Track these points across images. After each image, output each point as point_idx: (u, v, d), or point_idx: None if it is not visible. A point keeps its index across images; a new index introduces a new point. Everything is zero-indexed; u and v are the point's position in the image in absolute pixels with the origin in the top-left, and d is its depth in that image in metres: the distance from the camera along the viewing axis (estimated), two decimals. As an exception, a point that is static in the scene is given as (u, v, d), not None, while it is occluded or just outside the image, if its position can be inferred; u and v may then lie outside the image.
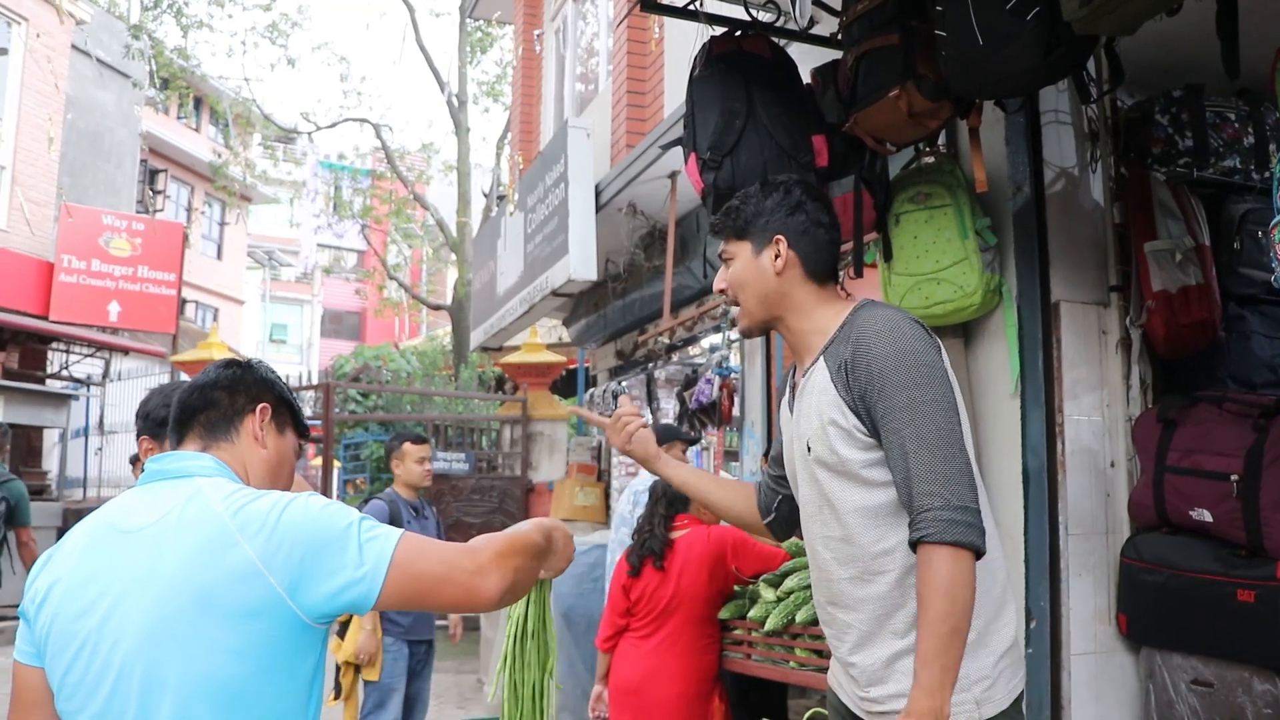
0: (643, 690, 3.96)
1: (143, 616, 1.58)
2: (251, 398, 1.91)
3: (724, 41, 3.53)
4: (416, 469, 5.28)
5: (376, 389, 17.12)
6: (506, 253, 9.50)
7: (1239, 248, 3.48)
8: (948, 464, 1.92)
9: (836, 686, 2.29)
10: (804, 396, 2.20)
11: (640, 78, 8.37)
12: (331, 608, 1.64)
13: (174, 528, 1.64)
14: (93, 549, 1.69)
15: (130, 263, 16.52)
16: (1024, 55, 2.59)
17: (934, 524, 1.89)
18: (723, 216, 2.33)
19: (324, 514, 1.66)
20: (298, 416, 2.00)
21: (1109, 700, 3.34)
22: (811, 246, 2.24)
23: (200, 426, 1.86)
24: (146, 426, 2.64)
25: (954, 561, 1.88)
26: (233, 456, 1.85)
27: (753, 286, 2.26)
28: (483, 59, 23.14)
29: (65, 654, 1.64)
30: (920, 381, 1.98)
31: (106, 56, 18.20)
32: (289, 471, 1.97)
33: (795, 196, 2.26)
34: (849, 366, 2.05)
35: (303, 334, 36.77)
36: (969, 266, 3.35)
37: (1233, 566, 3.02)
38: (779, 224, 2.24)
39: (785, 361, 6.99)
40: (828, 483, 2.12)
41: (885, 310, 2.12)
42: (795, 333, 2.27)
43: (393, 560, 1.64)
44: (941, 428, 1.95)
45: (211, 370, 1.94)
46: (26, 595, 1.73)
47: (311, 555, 1.61)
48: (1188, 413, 3.25)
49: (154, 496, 1.72)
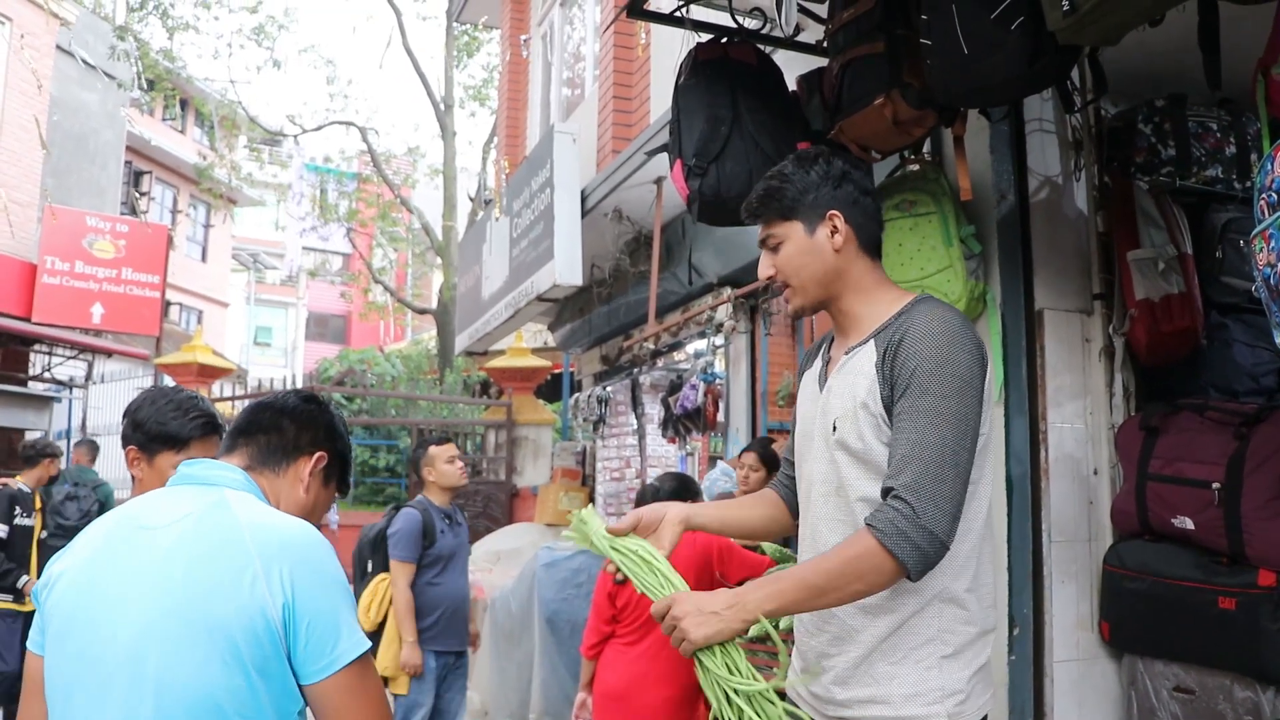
0: (629, 696, 3.95)
1: (140, 613, 1.60)
2: (315, 441, 1.95)
3: (710, 48, 3.54)
4: (449, 469, 5.11)
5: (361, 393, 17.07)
6: (492, 257, 9.49)
7: (1221, 256, 3.50)
8: (938, 484, 1.85)
9: (797, 698, 2.20)
10: (841, 374, 2.11)
11: (627, 83, 8.38)
12: (295, 658, 1.65)
13: (191, 531, 1.66)
14: (109, 541, 1.72)
15: (114, 264, 16.43)
16: (1008, 64, 2.59)
17: (890, 525, 1.83)
18: (763, 199, 2.17)
19: (342, 577, 1.72)
20: (346, 472, 2.04)
21: (1091, 707, 3.35)
22: (863, 217, 2.14)
23: (256, 447, 1.90)
24: (136, 438, 2.59)
25: (879, 564, 1.83)
26: (271, 486, 1.88)
27: (811, 268, 2.13)
28: (469, 63, 23.18)
29: (65, 638, 1.66)
30: (951, 394, 1.90)
31: (91, 58, 18.12)
32: (317, 519, 1.98)
33: (838, 166, 2.14)
34: (893, 356, 1.97)
35: (287, 337, 36.66)
36: (953, 274, 3.36)
37: (1214, 574, 3.03)
38: (828, 198, 2.11)
39: (775, 365, 7.00)
40: (845, 467, 2.05)
41: (946, 311, 2.02)
42: (848, 314, 2.16)
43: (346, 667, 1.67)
44: (949, 445, 1.88)
45: (292, 398, 1.98)
46: (40, 580, 1.77)
47: (312, 617, 1.64)
48: (1170, 420, 3.26)
49: (179, 498, 1.75)
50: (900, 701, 1.96)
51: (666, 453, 9.24)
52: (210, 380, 13.12)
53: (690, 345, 8.57)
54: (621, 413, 9.63)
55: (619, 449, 9.70)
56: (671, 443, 8.51)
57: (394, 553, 4.90)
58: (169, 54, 20.78)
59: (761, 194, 2.18)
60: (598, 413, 9.77)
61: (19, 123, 15.31)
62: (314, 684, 1.65)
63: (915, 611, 1.97)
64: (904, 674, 1.97)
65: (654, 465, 9.21)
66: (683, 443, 8.47)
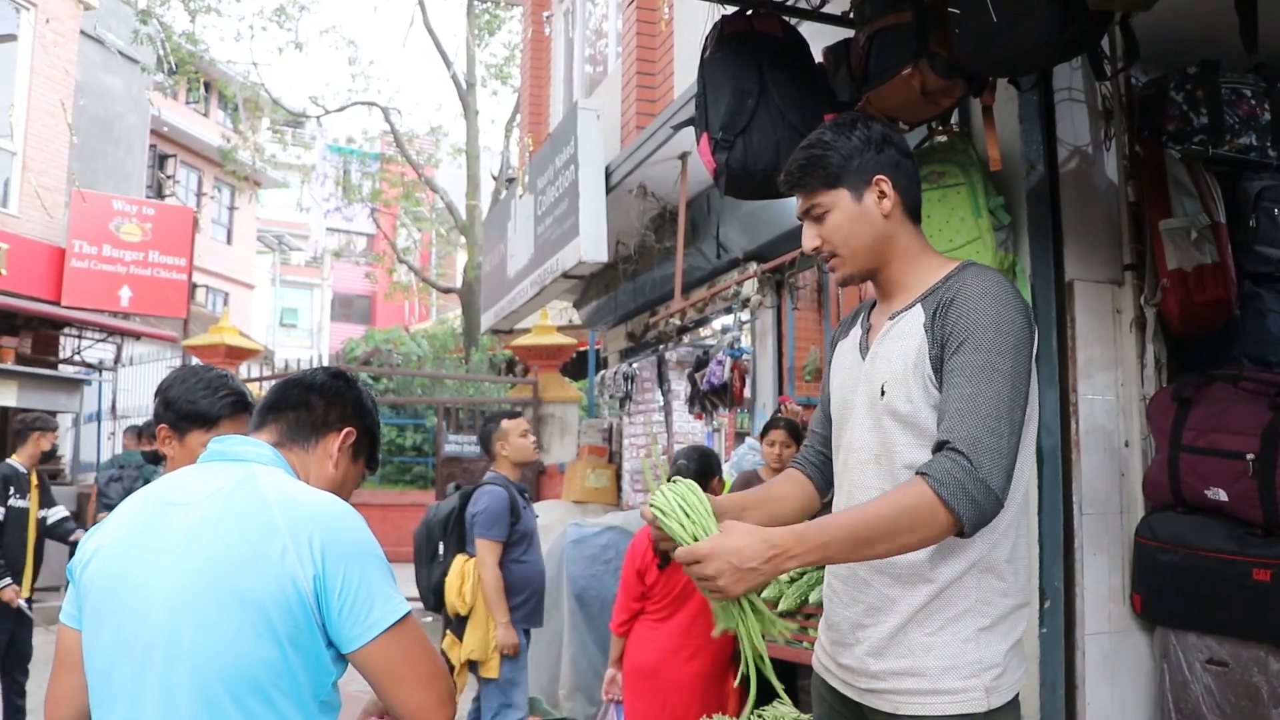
0: (659, 672, 3.97)
1: (172, 588, 1.62)
2: (343, 417, 1.96)
3: (735, 21, 3.51)
4: (523, 443, 4.98)
5: (387, 372, 17.16)
6: (516, 235, 9.49)
7: (1255, 225, 3.46)
8: (995, 439, 1.81)
9: (824, 671, 2.18)
10: (888, 338, 2.06)
11: (650, 59, 8.34)
12: (331, 628, 1.67)
13: (220, 507, 1.68)
14: (141, 517, 1.74)
15: (141, 248, 16.53)
16: (1038, 31, 2.56)
17: (947, 475, 1.78)
18: (805, 168, 2.09)
19: (374, 545, 1.73)
20: (375, 448, 2.05)
21: (1123, 680, 3.34)
22: (907, 181, 2.10)
23: (285, 424, 1.91)
24: (167, 417, 2.61)
25: (933, 515, 1.78)
26: (300, 462, 1.89)
27: (861, 236, 2.07)
28: (491, 41, 23.18)
29: (102, 613, 1.68)
30: (1005, 350, 1.87)
31: (115, 42, 18.19)
32: (346, 496, 1.99)
33: (877, 130, 2.09)
34: (944, 315, 1.94)
35: (313, 318, 36.85)
36: (982, 246, 3.33)
37: (1248, 546, 3.01)
38: (873, 162, 2.06)
39: (801, 340, 6.98)
40: (892, 433, 2.00)
41: (995, 275, 1.99)
42: (894, 281, 2.11)
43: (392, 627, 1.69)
44: (1004, 401, 1.84)
45: (320, 374, 1.99)
46: (75, 555, 1.78)
47: (343, 586, 1.65)
48: (1203, 391, 3.23)
49: (209, 475, 1.77)
50: (937, 674, 1.92)
51: (693, 429, 9.24)
52: (237, 361, 13.22)
53: (716, 321, 8.55)
54: (648, 389, 9.63)
55: (645, 425, 9.70)
56: (698, 419, 8.50)
57: (483, 533, 4.71)
58: (191, 37, 20.86)
59: (803, 163, 2.10)
60: (624, 389, 9.77)
61: (45, 108, 15.39)
62: (354, 651, 1.67)
63: (953, 580, 1.94)
64: (941, 645, 1.93)
65: (680, 442, 9.20)
66: (709, 419, 8.46)
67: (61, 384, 14.26)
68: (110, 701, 1.65)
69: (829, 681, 2.16)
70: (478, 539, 4.74)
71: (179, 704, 1.59)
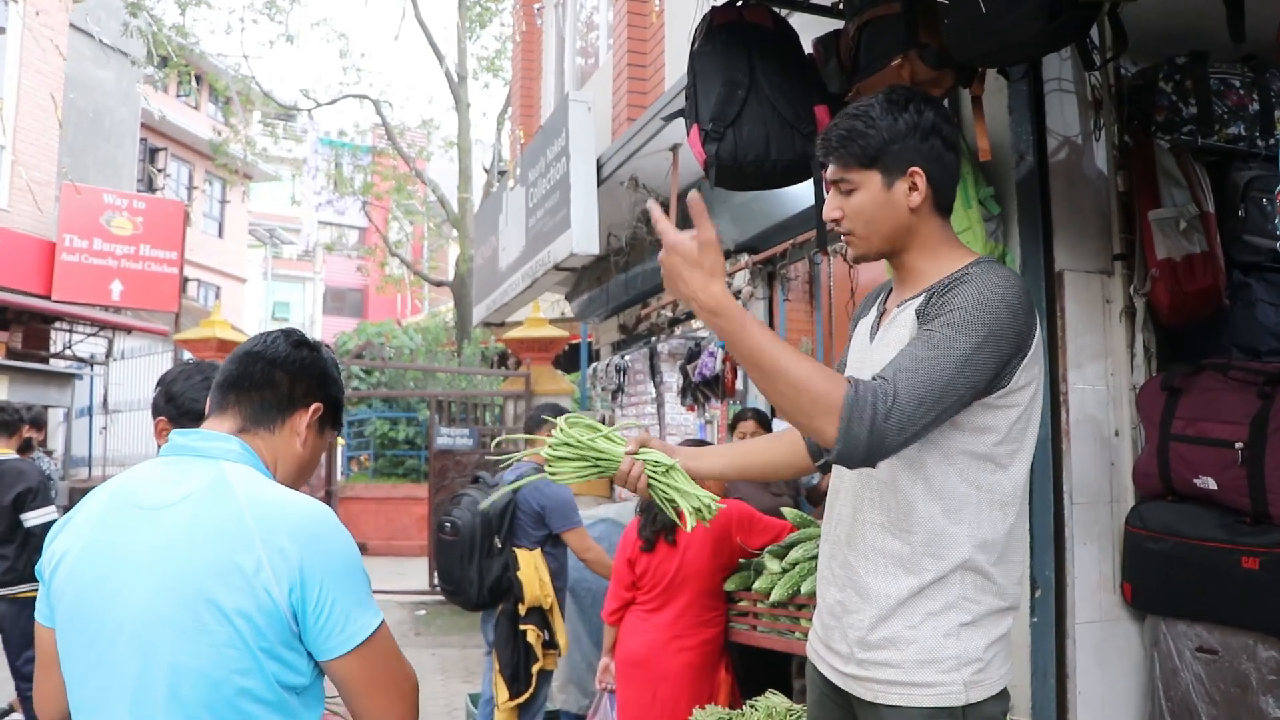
0: (650, 662, 3.97)
1: (146, 602, 1.59)
2: (310, 392, 1.86)
3: (725, 12, 3.51)
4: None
5: (379, 365, 17.14)
6: (508, 228, 9.48)
7: (1243, 215, 3.47)
8: (915, 406, 1.74)
9: (815, 657, 2.18)
10: (892, 326, 2.04)
11: (641, 50, 8.34)
12: (308, 638, 1.65)
13: (191, 516, 1.62)
14: (109, 520, 1.68)
15: (132, 241, 16.49)
16: (1027, 22, 2.56)
17: (863, 399, 1.72)
18: (843, 140, 2.02)
19: (352, 554, 1.70)
20: (339, 416, 1.96)
21: (1114, 668, 3.36)
22: (944, 175, 2.03)
23: (250, 405, 1.81)
24: (168, 410, 2.59)
25: (827, 408, 1.73)
26: (267, 447, 1.81)
27: (881, 223, 2.02)
28: (482, 34, 23.08)
29: (75, 623, 1.65)
30: (972, 333, 1.79)
31: (105, 35, 18.12)
32: (313, 470, 1.95)
33: (928, 118, 2.01)
34: (936, 299, 1.89)
35: (305, 311, 36.81)
36: (972, 236, 3.34)
37: (1237, 534, 3.02)
38: (913, 152, 1.99)
39: (793, 331, 6.98)
40: None
41: (1004, 273, 1.91)
42: (910, 268, 2.06)
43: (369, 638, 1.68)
44: (944, 380, 1.76)
45: (283, 345, 1.87)
46: (44, 556, 1.74)
47: (320, 599, 1.63)
48: (1192, 381, 3.25)
49: (177, 474, 1.70)
50: (914, 667, 1.92)
51: (685, 421, 9.25)
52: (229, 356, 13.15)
53: (708, 313, 8.54)
54: (640, 381, 9.64)
55: (638, 417, 9.71)
56: (690, 410, 8.51)
57: (563, 524, 4.81)
58: (182, 30, 20.76)
59: (844, 134, 2.03)
60: (616, 382, 9.78)
61: (35, 101, 15.35)
62: (328, 661, 1.65)
63: (938, 577, 1.93)
64: (921, 639, 1.93)
65: (673, 433, 9.22)
66: (701, 410, 8.47)
67: (53, 378, 14.21)
68: (87, 713, 1.64)
69: (818, 667, 2.17)
70: (562, 533, 4.84)
71: (155, 718, 1.57)
